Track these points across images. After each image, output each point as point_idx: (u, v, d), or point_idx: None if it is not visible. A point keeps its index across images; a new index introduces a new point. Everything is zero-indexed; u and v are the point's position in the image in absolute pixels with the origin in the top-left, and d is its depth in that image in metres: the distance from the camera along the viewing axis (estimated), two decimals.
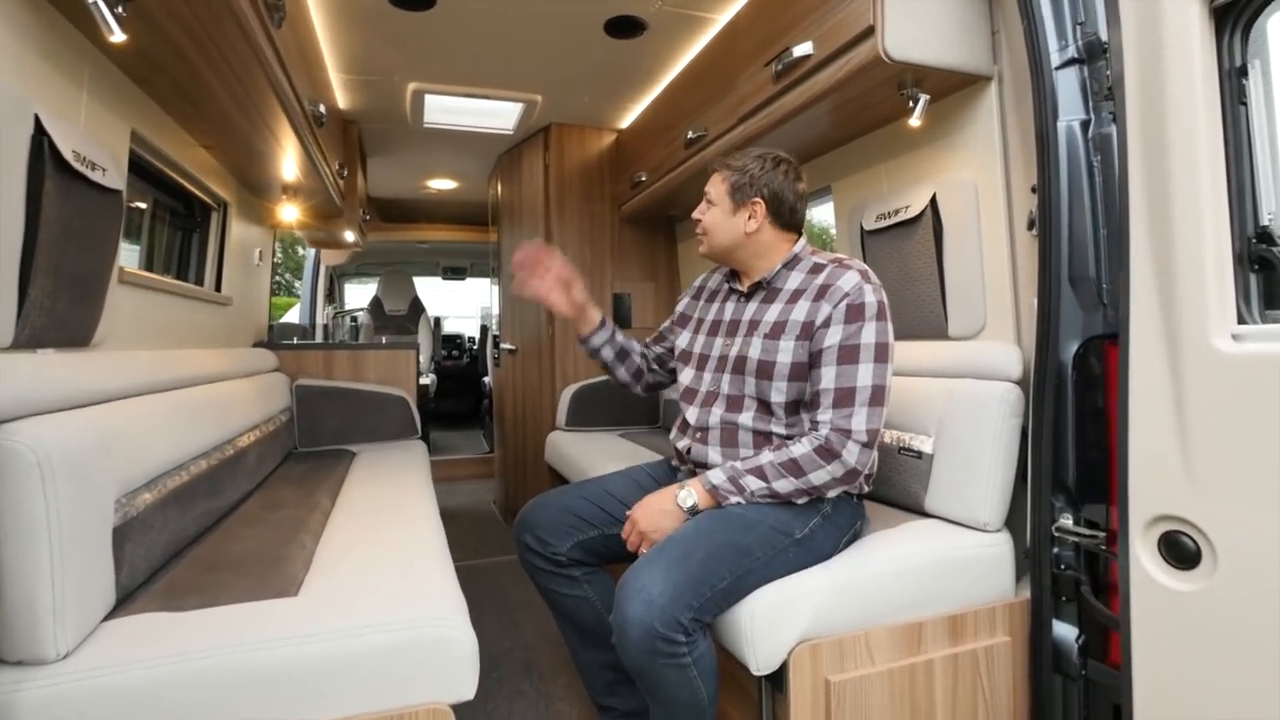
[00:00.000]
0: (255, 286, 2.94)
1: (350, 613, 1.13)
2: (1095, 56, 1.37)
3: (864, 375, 1.36)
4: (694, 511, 1.40)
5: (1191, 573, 1.11)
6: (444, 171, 4.21)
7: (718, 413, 1.53)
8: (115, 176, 1.39)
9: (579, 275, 1.72)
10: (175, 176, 2.03)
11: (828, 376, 1.38)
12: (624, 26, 2.31)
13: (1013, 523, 1.58)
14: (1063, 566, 1.46)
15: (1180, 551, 1.12)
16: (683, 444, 1.60)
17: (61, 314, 1.27)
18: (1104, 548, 1.37)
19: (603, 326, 1.78)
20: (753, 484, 1.38)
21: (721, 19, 2.26)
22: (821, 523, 1.43)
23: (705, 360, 1.61)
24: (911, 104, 1.66)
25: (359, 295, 6.81)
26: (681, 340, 1.71)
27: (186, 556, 1.41)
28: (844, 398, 1.36)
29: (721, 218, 1.53)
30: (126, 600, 1.19)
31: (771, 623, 1.29)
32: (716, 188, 1.54)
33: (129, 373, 1.42)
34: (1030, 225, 1.53)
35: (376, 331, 5.47)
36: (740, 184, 1.52)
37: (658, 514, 1.42)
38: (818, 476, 1.36)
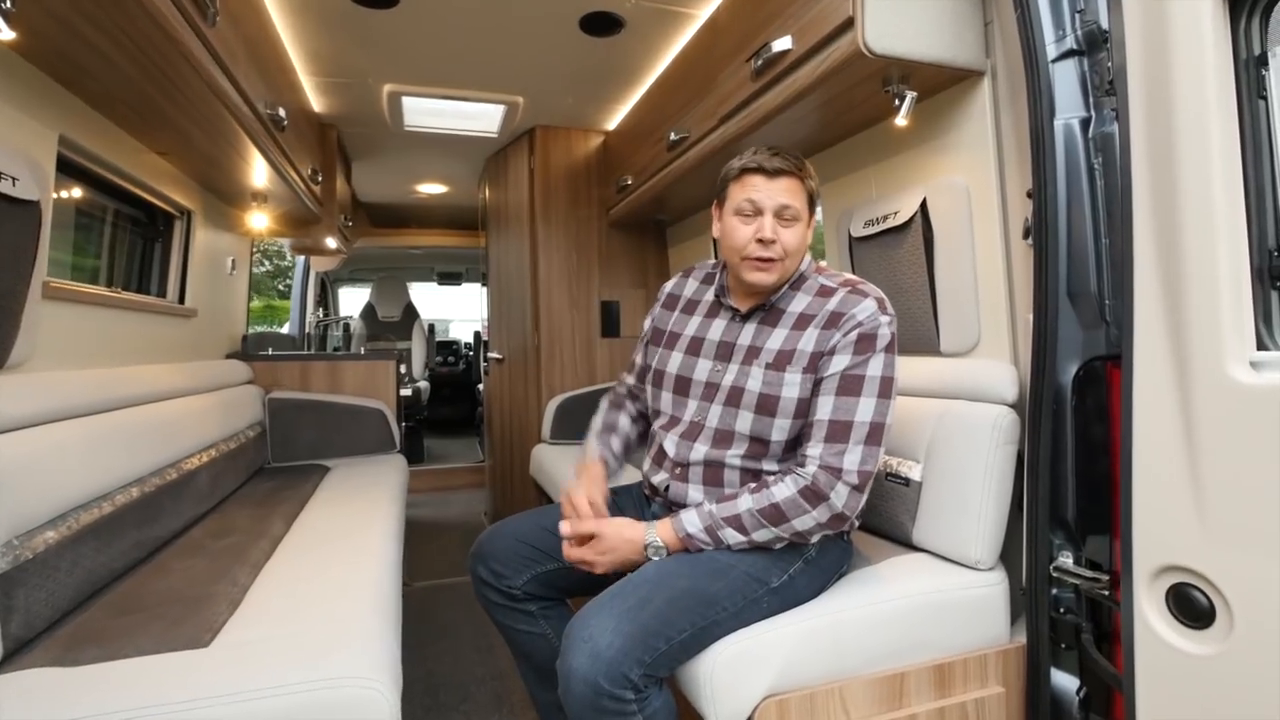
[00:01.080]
0: (228, 296, 2.85)
1: (260, 669, 1.02)
2: (1096, 47, 1.23)
3: (864, 410, 1.23)
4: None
5: (1204, 633, 0.98)
6: (432, 175, 4.12)
7: (701, 449, 1.36)
8: (30, 186, 1.29)
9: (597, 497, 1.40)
10: (127, 185, 1.93)
11: (824, 407, 1.24)
12: (600, 24, 2.20)
13: (1010, 560, 1.44)
14: (1062, 610, 1.32)
15: (1191, 608, 0.99)
16: (659, 478, 1.43)
17: None
18: (1106, 593, 1.23)
19: (608, 468, 1.53)
20: (730, 537, 1.24)
21: (702, 14, 2.14)
22: (804, 568, 1.29)
23: (687, 385, 1.42)
24: (897, 102, 1.53)
25: (353, 300, 6.75)
26: (654, 359, 1.51)
27: (104, 596, 1.31)
28: (838, 432, 1.22)
29: (805, 236, 1.31)
30: (19, 651, 1.09)
31: (735, 675, 1.17)
32: (797, 198, 1.29)
33: (44, 397, 1.32)
34: (1026, 234, 1.40)
35: (370, 338, 5.39)
36: (815, 194, 1.33)
37: (622, 566, 1.29)
38: (801, 522, 1.22)
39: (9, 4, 1.03)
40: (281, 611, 1.24)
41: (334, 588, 1.36)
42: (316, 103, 2.78)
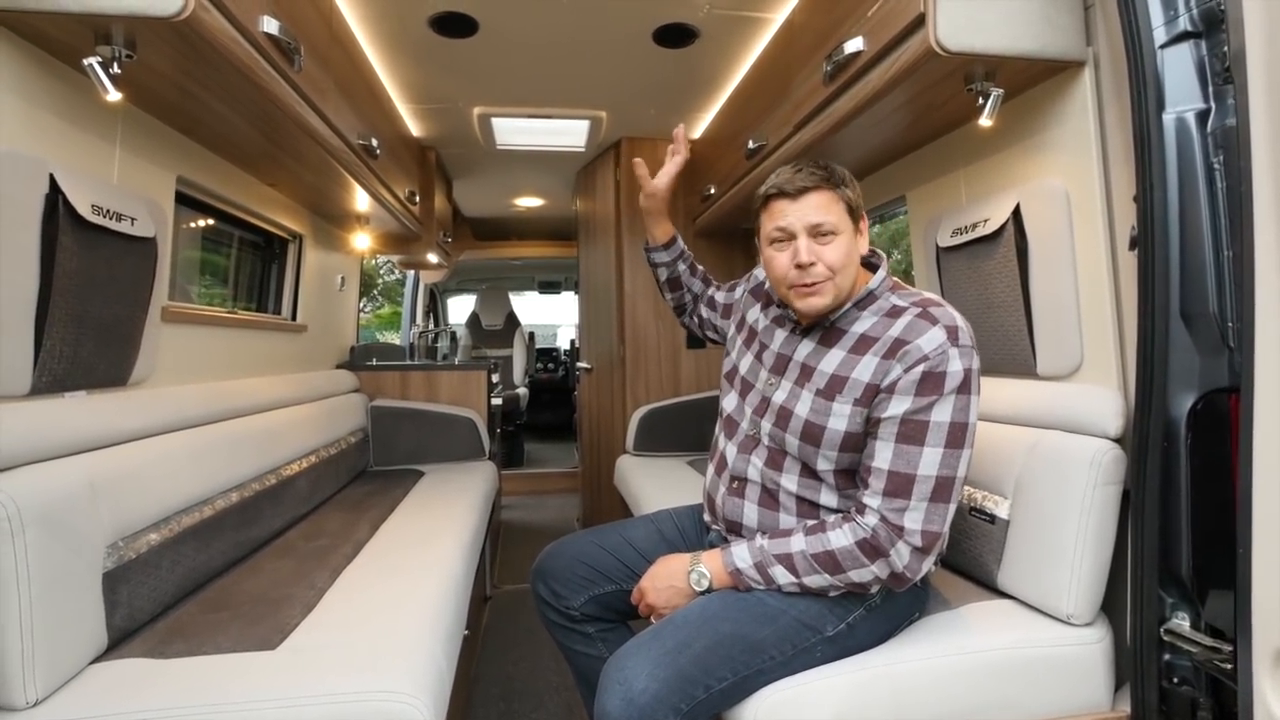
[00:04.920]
0: (338, 311, 3.09)
1: (314, 676, 1.08)
2: (1216, 28, 1.06)
3: (928, 462, 1.09)
4: (708, 592, 1.22)
5: None
6: (529, 190, 4.27)
7: (757, 464, 1.30)
8: (147, 224, 1.45)
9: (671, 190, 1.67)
10: (243, 215, 2.14)
11: (883, 455, 1.12)
12: (673, 36, 2.18)
13: (1118, 617, 1.27)
14: (1175, 680, 1.14)
15: None
16: (719, 492, 1.38)
17: (88, 358, 1.33)
18: (1229, 667, 1.05)
19: (668, 248, 1.67)
20: (781, 577, 1.16)
21: (778, 18, 2.06)
22: (865, 615, 1.20)
23: (748, 389, 1.37)
24: (981, 101, 1.39)
25: (462, 308, 7.13)
26: (732, 351, 1.49)
27: (202, 593, 1.45)
28: (900, 487, 1.10)
29: (851, 247, 1.19)
30: (124, 641, 1.22)
31: None
32: (830, 212, 1.18)
33: (156, 411, 1.48)
34: (1132, 244, 1.22)
35: (474, 347, 5.66)
36: (855, 201, 1.21)
37: (667, 590, 1.24)
38: (859, 575, 1.12)
39: (116, 68, 1.16)
40: (346, 619, 1.31)
41: (397, 598, 1.42)
42: (414, 128, 2.95)
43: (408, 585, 1.50)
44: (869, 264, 1.28)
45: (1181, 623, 1.14)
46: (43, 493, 1.05)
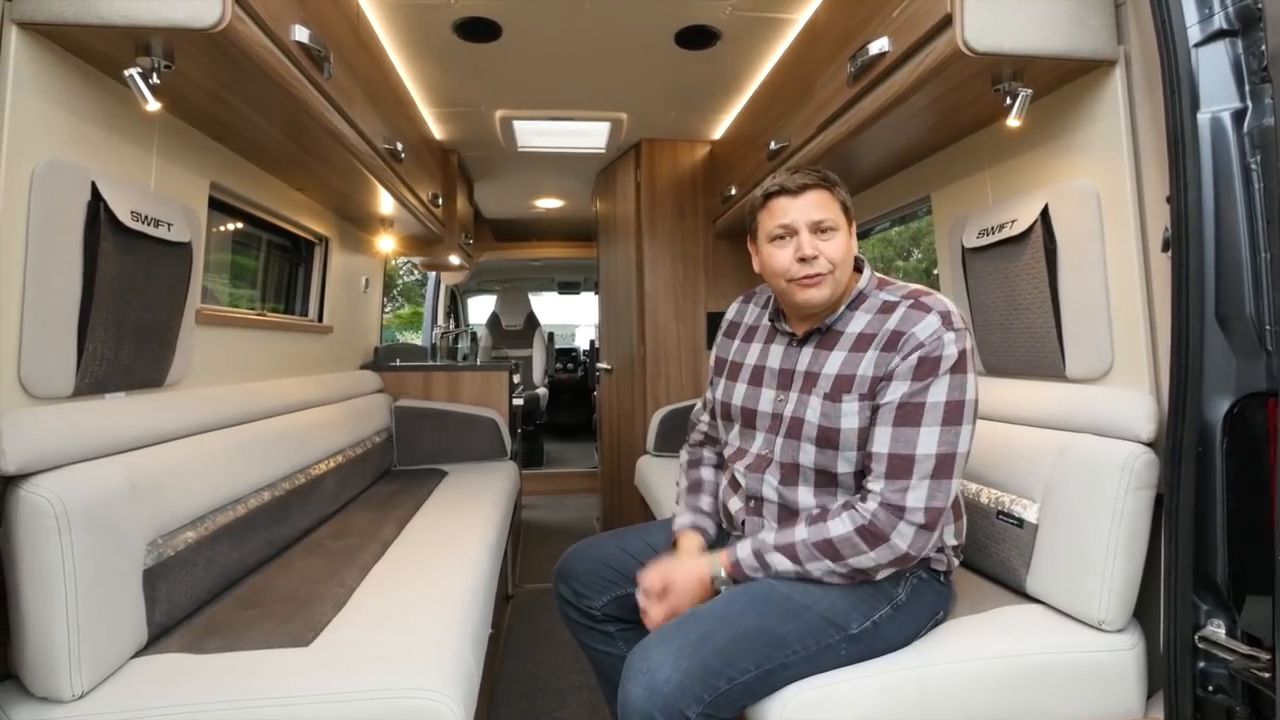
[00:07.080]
0: (363, 312, 3.13)
1: (347, 673, 1.11)
2: (1252, 27, 1.04)
3: (925, 441, 1.13)
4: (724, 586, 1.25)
5: None
6: (549, 191, 4.30)
7: (772, 483, 1.31)
8: (183, 230, 1.48)
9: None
10: (272, 219, 2.18)
11: (881, 439, 1.16)
12: (696, 38, 2.18)
13: (1150, 623, 1.25)
14: (1210, 688, 1.12)
15: None
16: (735, 507, 1.40)
17: (127, 360, 1.37)
18: (1267, 675, 1.03)
19: (705, 535, 1.45)
20: (779, 563, 1.19)
21: (801, 18, 2.06)
22: (891, 614, 1.20)
23: (753, 416, 1.37)
24: (1008, 101, 1.38)
25: (482, 308, 7.18)
26: (720, 390, 1.47)
27: (235, 589, 1.48)
28: (899, 468, 1.14)
29: (848, 244, 1.25)
30: (162, 636, 1.25)
31: None
32: (829, 210, 1.23)
33: (193, 412, 1.51)
34: (1166, 245, 1.21)
35: (494, 347, 5.70)
36: (848, 202, 1.27)
37: (694, 591, 1.25)
38: (860, 561, 1.15)
39: (155, 79, 1.19)
40: (376, 617, 1.34)
41: (425, 597, 1.44)
42: (437, 131, 2.99)
43: (434, 584, 1.52)
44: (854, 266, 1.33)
45: (1217, 630, 1.12)
46: (87, 492, 1.08)
